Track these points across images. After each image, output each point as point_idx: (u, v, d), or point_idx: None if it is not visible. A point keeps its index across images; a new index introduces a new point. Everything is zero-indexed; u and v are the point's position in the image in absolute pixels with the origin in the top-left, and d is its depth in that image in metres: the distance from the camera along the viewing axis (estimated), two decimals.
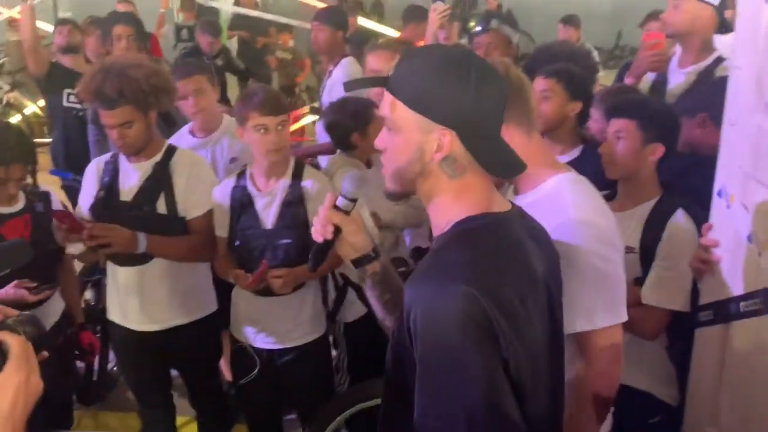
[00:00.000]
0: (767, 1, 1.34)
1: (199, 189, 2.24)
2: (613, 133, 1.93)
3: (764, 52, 1.36)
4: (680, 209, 1.88)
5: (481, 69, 1.07)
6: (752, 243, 1.42)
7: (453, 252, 1.08)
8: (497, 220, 1.12)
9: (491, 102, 1.08)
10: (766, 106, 1.37)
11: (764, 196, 1.38)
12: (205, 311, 2.39)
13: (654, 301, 1.84)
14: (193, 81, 2.66)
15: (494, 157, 1.12)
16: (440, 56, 1.09)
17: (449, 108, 1.07)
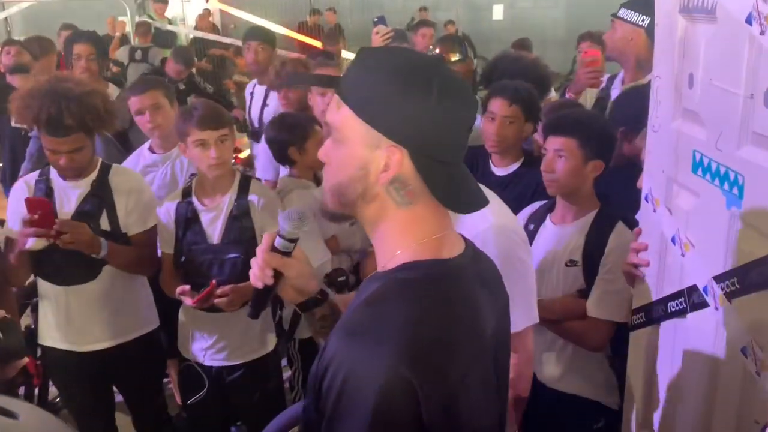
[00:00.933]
0: (681, 12, 1.40)
1: (141, 204, 2.25)
2: (554, 151, 1.97)
3: (680, 60, 1.42)
4: (620, 221, 1.93)
5: (447, 82, 0.92)
6: (676, 245, 1.46)
7: (392, 307, 0.91)
8: (448, 272, 0.97)
9: (454, 121, 0.93)
10: (684, 112, 1.42)
11: (685, 199, 1.43)
12: (147, 328, 2.37)
13: (600, 314, 1.88)
14: (148, 96, 2.67)
15: (451, 187, 0.95)
16: (401, 60, 0.94)
17: (403, 122, 0.91)
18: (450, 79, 0.93)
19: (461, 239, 1.05)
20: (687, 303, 1.41)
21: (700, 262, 1.35)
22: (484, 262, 1.08)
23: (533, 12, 10.72)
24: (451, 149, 0.95)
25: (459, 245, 1.02)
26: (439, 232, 0.98)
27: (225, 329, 2.25)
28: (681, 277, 1.45)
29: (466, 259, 1.01)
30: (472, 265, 1.02)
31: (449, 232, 1.01)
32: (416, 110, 0.90)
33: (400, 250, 0.97)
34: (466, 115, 0.96)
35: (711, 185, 1.30)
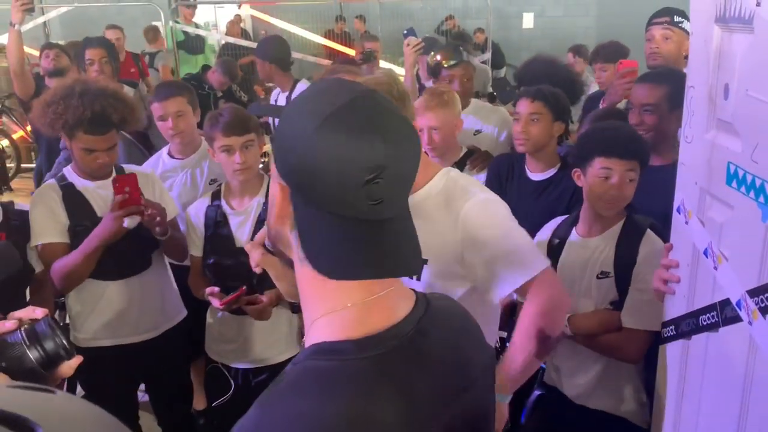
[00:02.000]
0: (716, 22, 1.39)
1: (165, 194, 2.36)
2: (626, 173, 1.93)
3: (715, 71, 1.40)
4: (648, 229, 1.91)
5: (346, 114, 0.75)
6: (708, 257, 1.44)
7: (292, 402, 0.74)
8: (371, 355, 0.77)
9: (339, 161, 0.73)
10: (718, 123, 1.40)
11: (719, 211, 1.41)
12: (180, 316, 2.44)
13: (635, 324, 1.86)
14: (172, 102, 2.70)
15: (329, 243, 0.77)
16: (318, 86, 0.83)
17: (285, 153, 0.78)
18: (348, 114, 0.75)
19: (410, 297, 0.87)
20: (719, 317, 1.39)
21: (734, 275, 1.33)
22: (444, 320, 0.89)
23: (564, 20, 10.65)
24: (335, 195, 0.75)
25: (402, 308, 0.84)
26: (362, 298, 0.79)
27: (251, 331, 2.27)
28: (713, 290, 1.42)
29: (407, 327, 0.82)
30: (415, 337, 0.82)
31: (385, 295, 0.81)
32: (294, 140, 0.76)
33: (314, 318, 0.82)
34: (358, 155, 0.74)
35: (746, 198, 1.28)
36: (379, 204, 0.75)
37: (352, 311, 0.79)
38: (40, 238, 2.17)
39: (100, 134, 2.10)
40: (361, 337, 0.78)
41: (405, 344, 0.80)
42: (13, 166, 7.29)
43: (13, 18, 3.59)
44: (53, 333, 0.93)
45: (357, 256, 0.77)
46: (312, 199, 0.76)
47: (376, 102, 0.78)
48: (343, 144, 0.74)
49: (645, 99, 2.32)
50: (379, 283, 0.81)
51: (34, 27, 6.18)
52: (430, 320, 0.85)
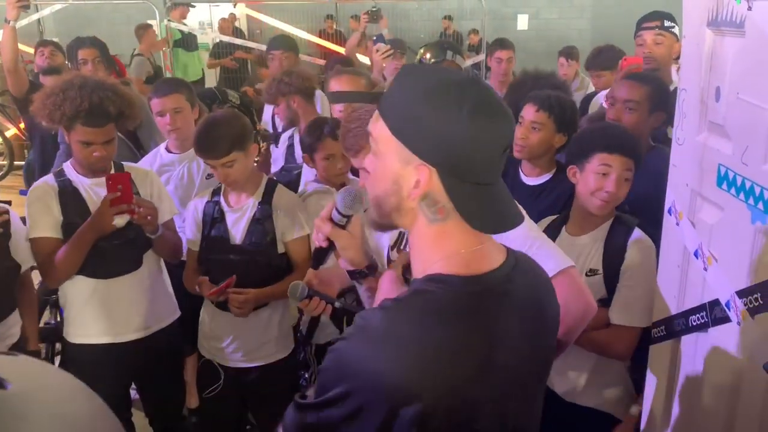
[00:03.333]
0: (709, 25, 1.40)
1: (164, 193, 2.36)
2: (622, 173, 1.93)
3: (707, 73, 1.42)
4: (636, 228, 1.93)
5: (480, 101, 0.91)
6: (699, 258, 1.45)
7: (402, 317, 0.92)
8: (475, 291, 0.95)
9: (485, 141, 0.91)
10: (710, 125, 1.42)
11: (709, 212, 1.43)
12: (173, 316, 2.44)
13: (624, 320, 1.87)
14: (171, 99, 2.71)
15: (478, 207, 0.95)
16: (435, 80, 0.94)
17: (432, 142, 0.91)
18: (484, 98, 0.92)
19: (502, 251, 1.03)
20: (709, 317, 1.40)
21: (723, 276, 1.34)
22: (519, 279, 1.02)
23: (558, 22, 10.68)
24: (482, 169, 0.93)
25: (497, 258, 1.00)
26: (470, 247, 0.97)
27: (243, 330, 2.28)
28: (703, 291, 1.44)
29: (502, 273, 0.99)
30: (503, 285, 0.98)
31: (484, 246, 0.99)
32: (445, 130, 0.90)
33: (430, 263, 0.98)
34: (499, 134, 0.93)
35: (736, 199, 1.29)
36: (499, 171, 0.97)
37: (462, 256, 0.97)
38: (34, 232, 2.18)
39: (97, 126, 2.10)
40: (466, 275, 0.96)
41: (499, 286, 0.98)
42: (6, 163, 7.26)
43: (9, 15, 3.57)
44: None
45: (493, 213, 0.97)
46: (462, 174, 0.93)
47: (485, 87, 0.97)
48: (489, 126, 0.92)
49: (629, 95, 2.34)
50: (479, 237, 0.98)
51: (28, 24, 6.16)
52: (518, 271, 1.02)
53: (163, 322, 2.38)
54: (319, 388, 0.94)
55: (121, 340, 2.29)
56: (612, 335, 1.89)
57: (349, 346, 0.93)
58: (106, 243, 2.16)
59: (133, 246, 2.21)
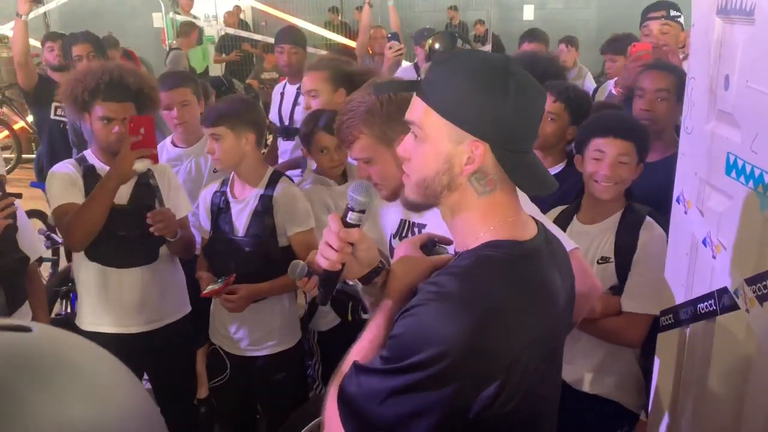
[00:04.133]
0: (718, 13, 1.40)
1: (179, 188, 2.36)
2: (618, 156, 1.93)
3: (716, 62, 1.42)
4: (648, 216, 1.93)
5: (521, 79, 1.00)
6: (707, 247, 1.46)
7: (479, 281, 1.00)
8: (528, 252, 1.05)
9: (528, 114, 1.02)
10: (719, 114, 1.42)
11: (718, 201, 1.43)
12: (184, 311, 2.44)
13: (635, 307, 1.88)
14: (178, 92, 2.72)
15: (528, 174, 1.05)
16: (478, 63, 1.02)
17: (484, 118, 1.00)
18: (523, 76, 1.01)
19: (533, 221, 1.12)
20: (717, 305, 1.41)
21: (732, 264, 1.35)
22: (555, 242, 1.14)
23: (564, 13, 10.63)
24: (525, 138, 1.04)
25: (533, 227, 1.10)
26: (514, 216, 1.07)
27: (248, 319, 2.28)
28: (711, 279, 1.45)
29: (540, 240, 1.09)
30: (546, 245, 1.09)
31: (522, 215, 1.09)
32: (496, 108, 0.99)
33: (480, 233, 1.06)
34: (538, 107, 1.05)
35: (745, 187, 1.30)
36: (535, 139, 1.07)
37: (510, 224, 1.06)
38: (58, 201, 2.17)
39: (116, 101, 2.12)
40: (519, 240, 1.05)
41: (542, 246, 1.08)
42: (14, 156, 7.30)
43: (20, 9, 3.58)
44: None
45: (538, 179, 1.06)
46: (510, 146, 1.02)
47: (516, 64, 1.03)
48: (532, 102, 1.03)
49: (660, 84, 2.32)
50: (518, 208, 1.09)
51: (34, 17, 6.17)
52: (550, 236, 1.14)
53: (175, 315, 2.39)
54: (397, 353, 0.97)
55: (133, 331, 2.31)
56: (624, 322, 1.89)
57: (432, 311, 0.97)
58: (125, 232, 2.18)
59: (150, 238, 2.21)
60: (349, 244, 1.10)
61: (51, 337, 0.53)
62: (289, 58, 3.63)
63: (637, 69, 2.62)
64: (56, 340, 0.53)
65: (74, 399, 0.48)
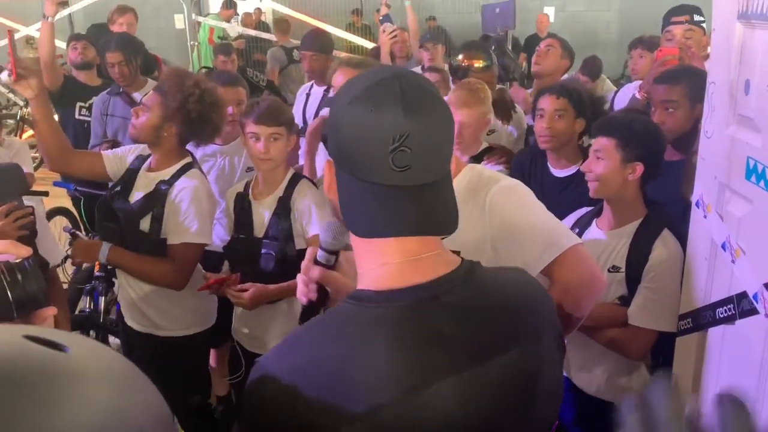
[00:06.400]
0: (739, 18, 1.40)
1: (181, 215, 2.24)
2: (594, 152, 1.98)
3: (736, 66, 1.42)
4: (666, 229, 1.91)
5: (371, 90, 0.84)
6: (726, 251, 1.46)
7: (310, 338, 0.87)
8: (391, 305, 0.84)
9: (364, 130, 0.82)
10: (739, 118, 1.42)
11: (737, 205, 1.43)
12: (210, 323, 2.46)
13: (641, 322, 1.86)
14: (236, 91, 2.82)
15: (362, 208, 0.86)
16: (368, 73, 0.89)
17: (328, 129, 0.89)
18: (378, 89, 0.83)
19: (451, 264, 0.90)
20: (736, 309, 1.41)
21: (751, 269, 1.35)
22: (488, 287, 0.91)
23: (585, 15, 10.58)
24: (364, 164, 0.83)
25: (440, 271, 0.88)
26: (398, 258, 0.87)
27: (263, 320, 2.31)
28: (730, 283, 1.44)
29: (422, 289, 0.85)
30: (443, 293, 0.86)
31: (422, 258, 0.87)
32: (335, 118, 0.87)
33: (362, 275, 0.90)
34: (380, 125, 0.82)
35: (765, 192, 1.29)
36: (406, 170, 0.82)
37: (387, 268, 0.87)
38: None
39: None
40: (388, 288, 0.85)
41: (426, 299, 0.85)
42: (39, 155, 7.42)
43: (47, 11, 3.65)
44: (35, 274, 0.89)
45: (387, 218, 0.85)
46: (346, 168, 0.86)
47: (405, 80, 0.85)
48: (367, 116, 0.82)
49: (665, 95, 2.31)
50: (419, 247, 0.87)
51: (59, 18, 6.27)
52: (467, 284, 0.88)
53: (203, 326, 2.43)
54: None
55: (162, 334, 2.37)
56: (628, 335, 1.88)
57: (268, 360, 0.88)
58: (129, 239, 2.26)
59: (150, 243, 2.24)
60: (314, 283, 1.06)
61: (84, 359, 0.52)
62: (311, 65, 3.69)
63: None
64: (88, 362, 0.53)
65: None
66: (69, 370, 0.49)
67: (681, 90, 2.29)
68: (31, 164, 3.38)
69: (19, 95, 7.66)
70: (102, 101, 3.70)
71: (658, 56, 2.78)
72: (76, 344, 0.54)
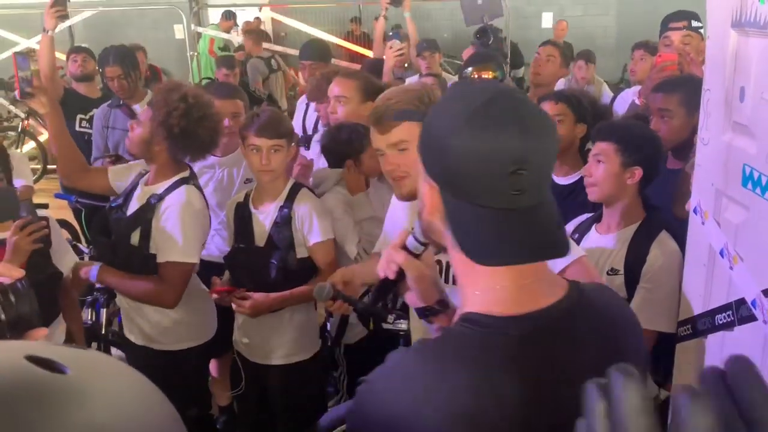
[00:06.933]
0: (733, 26, 1.41)
1: (167, 232, 2.18)
2: (593, 156, 2.00)
3: (731, 74, 1.43)
4: (663, 231, 1.92)
5: (485, 109, 0.80)
6: (724, 258, 1.46)
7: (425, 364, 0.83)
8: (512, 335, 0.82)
9: (481, 154, 0.79)
10: (734, 125, 1.43)
11: (734, 212, 1.44)
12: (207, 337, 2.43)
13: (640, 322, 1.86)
14: (232, 103, 2.80)
15: (476, 234, 0.84)
16: (459, 90, 0.89)
17: (433, 153, 0.85)
18: (486, 111, 0.81)
19: (560, 287, 0.89)
20: (735, 316, 1.41)
21: (749, 275, 1.35)
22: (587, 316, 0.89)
23: (583, 20, 10.59)
24: (478, 188, 0.81)
25: (547, 298, 0.87)
26: (509, 282, 0.84)
27: (266, 329, 2.30)
28: (729, 290, 1.45)
29: (542, 316, 0.84)
30: (550, 323, 0.84)
31: (532, 281, 0.85)
32: (443, 140, 0.82)
33: (467, 297, 0.88)
34: (499, 147, 0.79)
35: (761, 199, 1.30)
36: (521, 194, 0.81)
37: (501, 292, 0.85)
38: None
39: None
40: (506, 315, 0.83)
41: (548, 329, 0.84)
42: (40, 167, 7.44)
43: (47, 24, 3.66)
44: (29, 296, 0.90)
45: (503, 243, 0.83)
46: (460, 194, 0.83)
47: (513, 98, 0.84)
48: (487, 140, 0.80)
49: (662, 104, 2.33)
50: (528, 271, 0.85)
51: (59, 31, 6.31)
52: (581, 309, 0.88)
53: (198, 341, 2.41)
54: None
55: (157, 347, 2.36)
56: None
57: (373, 389, 0.85)
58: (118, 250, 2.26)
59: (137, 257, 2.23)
60: (395, 264, 1.05)
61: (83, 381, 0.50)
62: (311, 74, 3.68)
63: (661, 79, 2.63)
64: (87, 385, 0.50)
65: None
66: (62, 394, 0.47)
67: (677, 99, 2.30)
68: (30, 176, 3.38)
69: (21, 107, 7.73)
70: (103, 114, 3.71)
71: (657, 62, 2.79)
72: (78, 364, 0.52)
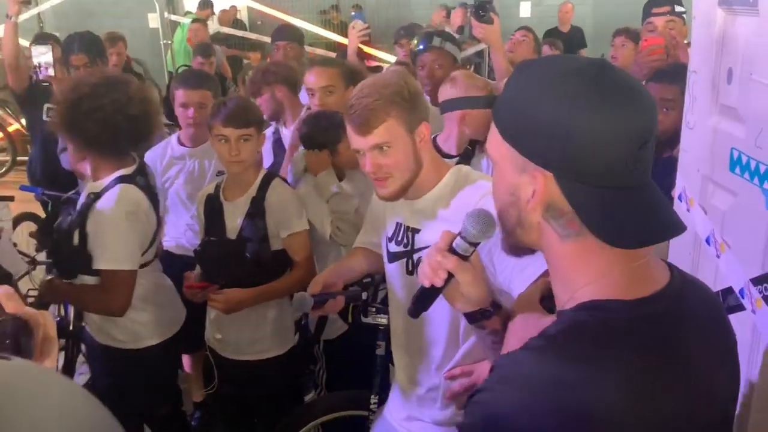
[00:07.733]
0: (720, 5, 1.36)
1: (98, 237, 2.01)
2: None
3: (718, 55, 1.38)
4: None
5: (601, 86, 0.77)
6: (711, 245, 1.42)
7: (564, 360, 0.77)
8: (642, 314, 0.80)
9: (608, 133, 0.76)
10: (722, 108, 1.38)
11: (721, 198, 1.39)
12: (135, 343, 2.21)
13: None
14: (198, 93, 2.71)
15: (606, 215, 0.79)
16: (551, 69, 0.81)
17: (544, 140, 0.79)
18: (607, 83, 0.78)
19: (665, 269, 0.87)
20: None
21: (737, 263, 1.31)
22: (699, 292, 0.89)
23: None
24: (607, 169, 0.77)
25: (660, 276, 0.85)
26: (624, 265, 0.82)
27: (235, 323, 2.23)
28: (715, 278, 1.41)
29: (667, 296, 0.83)
30: (678, 303, 0.83)
31: (643, 263, 0.83)
32: (558, 125, 0.77)
33: (576, 288, 0.84)
34: (627, 123, 0.77)
35: (750, 184, 1.26)
36: (644, 171, 0.80)
37: (618, 277, 0.82)
38: None
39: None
40: (630, 298, 0.81)
41: (672, 309, 0.82)
42: (9, 159, 7.25)
43: (10, 10, 3.54)
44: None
45: (637, 223, 0.80)
46: (584, 177, 0.78)
47: (616, 69, 0.81)
48: (614, 115, 0.77)
49: (663, 94, 2.26)
50: (636, 254, 0.82)
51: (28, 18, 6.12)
52: (689, 290, 0.87)
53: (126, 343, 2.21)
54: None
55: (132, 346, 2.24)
56: None
57: (499, 399, 0.79)
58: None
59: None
60: (444, 270, 0.99)
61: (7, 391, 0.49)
62: (285, 54, 3.60)
63: (650, 63, 2.58)
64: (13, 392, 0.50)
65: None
66: None
67: (679, 89, 2.24)
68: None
69: None
70: None
71: (644, 46, 2.74)
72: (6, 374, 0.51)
